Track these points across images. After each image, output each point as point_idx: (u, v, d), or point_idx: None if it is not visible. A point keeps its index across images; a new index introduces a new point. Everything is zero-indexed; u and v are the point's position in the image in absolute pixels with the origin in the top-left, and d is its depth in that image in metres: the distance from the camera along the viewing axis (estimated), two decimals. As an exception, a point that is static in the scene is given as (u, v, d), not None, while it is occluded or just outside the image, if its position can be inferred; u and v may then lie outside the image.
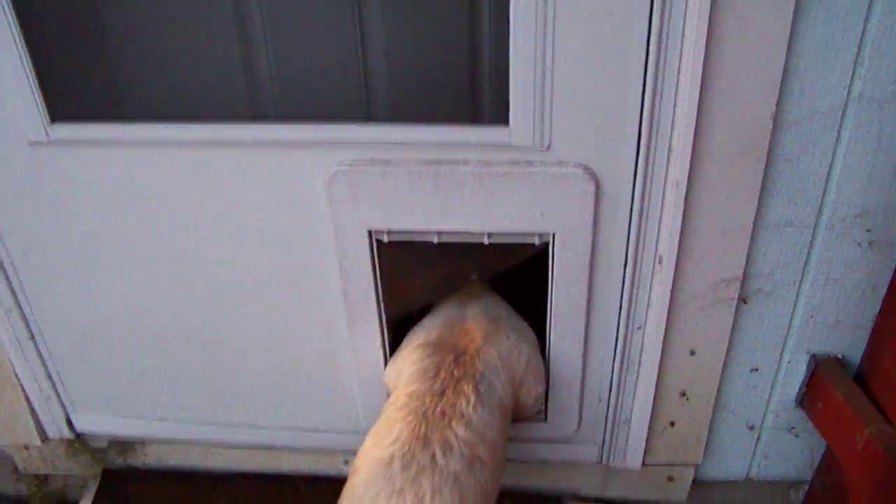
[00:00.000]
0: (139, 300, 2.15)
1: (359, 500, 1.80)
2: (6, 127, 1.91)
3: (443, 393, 1.89)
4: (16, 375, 2.36)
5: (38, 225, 2.06)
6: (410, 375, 1.95)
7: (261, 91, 2.51)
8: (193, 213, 1.97)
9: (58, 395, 2.40)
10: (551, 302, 1.98)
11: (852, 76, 1.74)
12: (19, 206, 2.03)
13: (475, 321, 2.08)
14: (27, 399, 2.42)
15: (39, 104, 1.87)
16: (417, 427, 1.82)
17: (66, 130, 1.91)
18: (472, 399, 1.89)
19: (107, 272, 2.12)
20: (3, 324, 2.24)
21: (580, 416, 2.21)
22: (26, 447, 2.58)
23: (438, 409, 1.85)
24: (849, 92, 1.75)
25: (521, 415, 2.14)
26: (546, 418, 2.22)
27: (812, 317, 2.07)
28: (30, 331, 2.26)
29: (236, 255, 2.03)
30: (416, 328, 2.11)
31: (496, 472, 1.88)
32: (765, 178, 1.82)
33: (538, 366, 2.10)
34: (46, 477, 2.78)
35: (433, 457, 1.79)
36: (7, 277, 2.15)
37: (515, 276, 2.24)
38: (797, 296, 2.04)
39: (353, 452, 2.40)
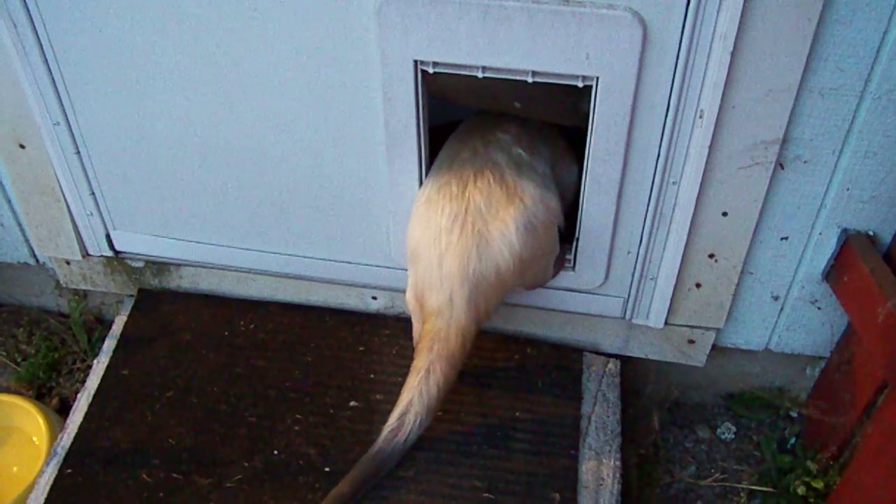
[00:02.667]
0: (184, 120, 2.19)
1: (417, 204, 2.10)
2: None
3: (484, 123, 2.20)
4: (61, 190, 2.43)
5: (88, 39, 2.08)
6: None
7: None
8: (241, 32, 1.99)
9: (99, 211, 2.47)
10: (589, 148, 1.99)
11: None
12: (70, 20, 2.05)
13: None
14: (70, 214, 2.49)
15: None
16: (464, 138, 2.12)
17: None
18: (507, 123, 2.15)
19: (154, 90, 2.15)
20: (51, 137, 2.29)
21: (608, 269, 2.25)
22: (68, 262, 2.66)
23: (482, 127, 2.17)
24: (909, -48, 1.73)
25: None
26: (574, 267, 2.26)
27: (847, 189, 2.07)
28: (76, 145, 2.31)
29: (282, 78, 2.05)
30: None
31: (546, 182, 2.11)
32: (815, 39, 1.80)
33: (572, 154, 2.22)
34: (86, 294, 2.88)
35: (475, 150, 2.08)
36: (56, 90, 2.19)
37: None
38: (835, 166, 2.03)
39: (383, 287, 2.48)
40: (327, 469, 2.23)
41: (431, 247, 2.01)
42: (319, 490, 2.19)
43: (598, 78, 1.86)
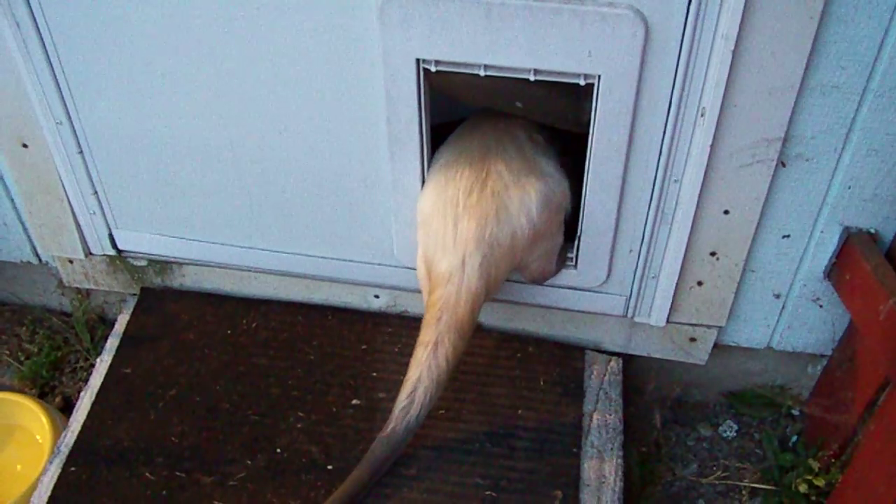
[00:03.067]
0: (187, 118, 2.19)
1: (433, 168, 2.12)
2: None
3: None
4: (63, 189, 2.43)
5: (91, 38, 2.08)
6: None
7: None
8: (244, 31, 1.99)
9: (102, 210, 2.47)
10: (591, 147, 1.99)
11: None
12: (73, 19, 2.06)
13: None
14: (73, 213, 2.49)
15: None
16: (486, 115, 2.20)
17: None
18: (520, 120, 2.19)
19: (157, 89, 2.15)
20: (54, 136, 2.29)
21: (610, 267, 2.25)
22: (70, 261, 2.66)
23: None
24: (911, -51, 1.73)
25: None
26: (576, 265, 2.26)
27: (849, 188, 2.07)
28: (79, 145, 2.31)
29: (285, 77, 2.05)
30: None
31: (559, 167, 2.14)
32: (816, 37, 1.80)
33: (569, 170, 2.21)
34: (88, 292, 2.88)
35: (496, 124, 2.15)
36: (59, 89, 2.20)
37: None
38: (836, 164, 2.03)
39: (385, 286, 2.48)
40: (330, 467, 2.24)
41: (448, 208, 2.01)
42: (322, 488, 2.19)
43: (599, 76, 1.86)
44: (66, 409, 2.69)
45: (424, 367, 2.05)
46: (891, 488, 2.02)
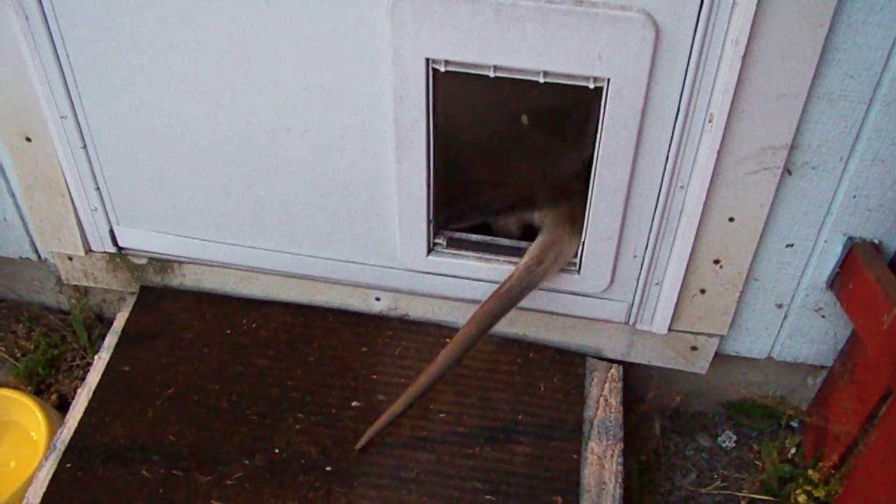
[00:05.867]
0: (193, 116, 2.18)
1: None
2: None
3: None
4: (66, 183, 2.42)
5: (98, 33, 2.07)
6: None
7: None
8: (253, 28, 1.98)
9: (104, 207, 2.46)
10: (598, 150, 1.99)
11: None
12: (82, 13, 2.05)
13: None
14: (74, 208, 2.48)
15: None
16: None
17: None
18: None
19: (163, 85, 2.14)
20: (58, 130, 2.28)
21: (614, 272, 2.24)
22: (70, 257, 2.65)
23: None
24: (921, -43, 1.73)
25: None
26: (579, 270, 2.26)
27: (854, 197, 2.07)
28: (83, 139, 2.30)
29: (291, 74, 2.04)
30: None
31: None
32: (825, 45, 1.80)
33: None
34: (87, 290, 2.87)
35: None
36: (65, 83, 2.18)
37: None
38: (842, 173, 2.03)
39: (387, 288, 2.48)
40: (329, 468, 2.23)
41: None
42: (320, 489, 2.18)
43: (609, 79, 1.86)
44: (62, 407, 2.68)
45: (566, 236, 2.23)
46: (892, 500, 2.01)
